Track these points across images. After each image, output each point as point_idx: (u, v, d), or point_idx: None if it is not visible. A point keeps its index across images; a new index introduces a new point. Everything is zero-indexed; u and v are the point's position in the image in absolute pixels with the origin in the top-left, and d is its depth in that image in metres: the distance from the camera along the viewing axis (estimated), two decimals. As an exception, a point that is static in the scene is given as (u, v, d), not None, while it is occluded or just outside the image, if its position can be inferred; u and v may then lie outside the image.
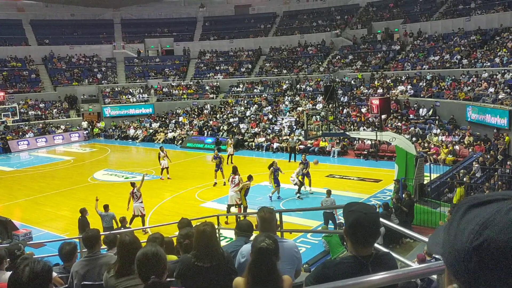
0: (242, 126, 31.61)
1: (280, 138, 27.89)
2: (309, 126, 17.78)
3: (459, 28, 33.25)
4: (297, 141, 25.74)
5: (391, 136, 15.81)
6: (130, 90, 40.08)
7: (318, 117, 18.05)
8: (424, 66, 31.43)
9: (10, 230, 12.89)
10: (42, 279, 2.49)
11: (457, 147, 21.64)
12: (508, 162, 16.81)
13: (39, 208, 17.43)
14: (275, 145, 27.28)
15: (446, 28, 34.55)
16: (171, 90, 40.06)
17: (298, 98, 34.06)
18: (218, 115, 35.10)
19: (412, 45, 35.50)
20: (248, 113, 34.06)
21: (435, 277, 3.18)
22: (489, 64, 27.47)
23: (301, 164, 17.52)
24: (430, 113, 26.44)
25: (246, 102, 35.99)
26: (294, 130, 28.72)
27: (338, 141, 25.31)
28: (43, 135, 34.01)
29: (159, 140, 32.64)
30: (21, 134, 33.34)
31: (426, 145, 22.80)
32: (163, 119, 36.49)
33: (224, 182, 18.71)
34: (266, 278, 2.90)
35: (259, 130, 30.22)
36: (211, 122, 33.68)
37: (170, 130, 33.82)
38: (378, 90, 30.20)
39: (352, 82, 33.89)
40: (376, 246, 2.92)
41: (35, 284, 2.45)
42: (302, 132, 23.88)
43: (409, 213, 12.48)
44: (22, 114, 35.41)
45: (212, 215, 11.23)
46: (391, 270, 2.21)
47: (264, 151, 27.57)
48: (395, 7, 41.44)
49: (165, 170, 21.04)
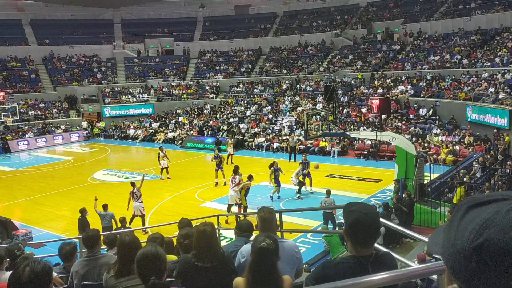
0: (242, 126, 31.61)
1: (280, 138, 27.88)
2: (309, 126, 17.77)
3: (459, 28, 33.25)
4: (297, 141, 25.73)
5: (391, 136, 15.81)
6: (130, 90, 40.08)
7: (318, 117, 18.04)
8: (424, 66, 31.42)
9: (10, 230, 12.89)
10: (42, 279, 2.49)
11: (457, 147, 21.63)
12: (508, 162, 16.80)
13: (39, 208, 17.43)
14: (275, 145, 27.28)
15: (446, 28, 34.54)
16: (171, 90, 40.06)
17: (298, 98, 34.06)
18: (218, 115, 35.09)
19: (412, 45, 35.49)
20: (248, 113, 34.06)
21: (435, 277, 3.18)
22: (489, 64, 27.47)
23: (301, 164, 17.51)
24: (430, 113, 26.44)
25: (246, 102, 35.99)
26: (294, 130, 28.71)
27: (338, 141, 25.31)
28: (43, 135, 34.02)
29: (159, 140, 32.63)
30: (21, 134, 33.35)
31: (426, 145, 22.80)
32: (163, 119, 36.49)
33: (224, 182, 18.71)
34: (267, 278, 2.89)
35: (259, 130, 30.22)
36: (211, 122, 33.68)
37: (170, 130, 33.82)
38: (378, 90, 30.20)
39: (352, 82, 33.89)
40: (376, 246, 2.92)
41: (36, 284, 2.44)
42: (302, 132, 23.88)
43: (409, 213, 12.48)
44: (22, 114, 35.41)
45: (212, 215, 11.23)
46: (391, 270, 2.21)
47: (264, 151, 27.57)
48: (395, 7, 41.44)
49: (164, 170, 21.06)
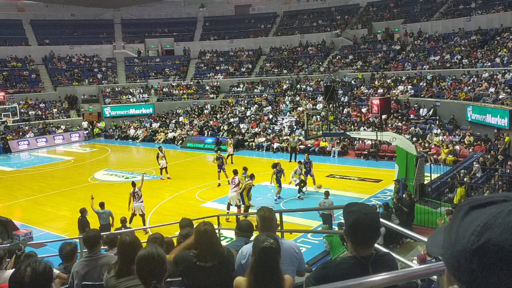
0: (242, 126, 31.61)
1: (280, 138, 27.88)
2: (309, 126, 17.79)
3: (460, 28, 33.24)
4: (297, 141, 25.73)
5: (392, 136, 15.81)
6: (130, 90, 40.09)
7: (318, 117, 18.06)
8: (424, 66, 31.41)
9: (11, 230, 12.91)
10: (43, 279, 2.49)
11: (457, 147, 21.62)
12: (508, 162, 16.80)
13: (40, 208, 17.44)
14: (276, 145, 27.27)
15: (447, 28, 34.53)
16: (171, 90, 40.06)
17: (298, 98, 34.06)
18: (218, 115, 35.09)
19: (412, 45, 35.48)
20: (248, 113, 34.06)
21: (436, 277, 3.18)
22: (489, 64, 27.46)
23: (299, 163, 17.60)
24: (431, 113, 26.43)
25: (246, 102, 35.98)
26: (294, 130, 28.71)
27: (338, 141, 25.30)
28: (43, 135, 34.03)
29: (159, 140, 32.63)
30: (21, 134, 33.35)
31: (427, 145, 22.79)
32: (163, 119, 36.49)
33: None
34: (269, 277, 2.85)
35: (260, 130, 30.22)
36: (211, 122, 33.68)
37: (170, 130, 33.82)
38: (379, 90, 30.19)
39: (352, 82, 33.88)
40: (376, 246, 2.92)
41: (37, 284, 2.45)
42: (303, 132, 23.88)
43: (409, 213, 12.49)
44: (22, 114, 35.42)
45: (212, 215, 11.24)
46: (392, 271, 2.21)
47: (264, 151, 27.56)
48: (396, 7, 41.43)
49: (164, 170, 21.07)
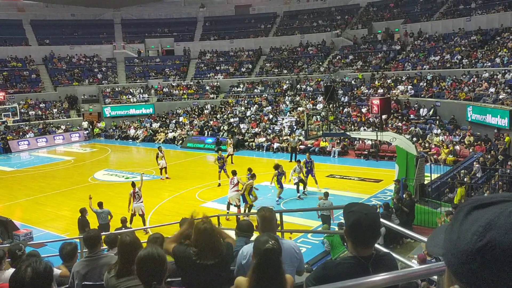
0: (242, 126, 31.61)
1: (280, 138, 27.88)
2: (309, 126, 17.80)
3: (460, 28, 33.23)
4: (298, 141, 25.73)
5: (392, 136, 15.81)
6: (131, 90, 40.09)
7: (318, 117, 18.08)
8: (424, 66, 31.41)
9: (11, 230, 12.91)
10: (44, 279, 2.49)
11: (457, 147, 21.62)
12: (508, 162, 16.79)
13: (40, 208, 17.44)
14: (276, 145, 27.27)
15: (447, 28, 34.53)
16: (172, 90, 40.06)
17: (298, 98, 34.05)
18: (218, 115, 35.09)
19: (412, 45, 35.48)
20: (248, 113, 34.06)
21: (436, 277, 3.18)
22: (489, 64, 27.45)
23: (298, 162, 17.74)
24: (431, 113, 26.43)
25: (246, 102, 35.98)
26: (294, 130, 28.71)
27: (338, 141, 25.30)
28: (44, 135, 34.02)
29: (160, 140, 32.64)
30: (21, 134, 33.35)
31: (427, 145, 22.79)
32: (164, 119, 36.50)
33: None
34: (272, 279, 2.83)
35: (260, 130, 30.22)
36: (212, 122, 33.67)
37: (171, 130, 33.82)
38: (379, 90, 30.19)
39: (352, 82, 33.87)
40: (376, 246, 2.92)
41: (38, 284, 2.45)
42: (303, 132, 23.88)
43: (410, 213, 12.49)
44: (23, 114, 35.43)
45: (212, 215, 11.23)
46: (392, 271, 2.21)
47: (264, 151, 27.57)
48: (396, 7, 41.42)
49: (163, 170, 21.09)
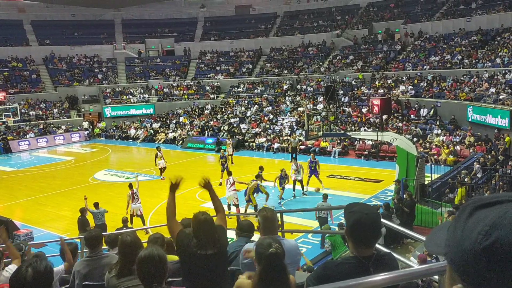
0: (242, 126, 31.61)
1: (281, 139, 27.88)
2: (310, 126, 17.81)
3: (460, 28, 33.23)
4: (298, 141, 25.74)
5: (392, 136, 15.80)
6: (131, 90, 40.10)
7: (318, 117, 18.10)
8: (425, 67, 31.40)
9: (11, 230, 12.90)
10: (45, 279, 2.49)
11: (458, 148, 21.61)
12: (509, 163, 16.79)
13: (40, 208, 17.45)
14: (276, 145, 27.27)
15: (447, 28, 34.52)
16: (172, 91, 40.07)
17: (298, 99, 34.05)
18: (218, 116, 35.10)
19: (413, 45, 35.47)
20: (248, 113, 34.06)
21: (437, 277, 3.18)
22: (490, 64, 27.44)
23: (294, 160, 18.14)
24: (431, 113, 26.42)
25: (246, 102, 35.98)
26: (295, 130, 28.71)
27: (339, 141, 25.29)
28: (44, 135, 34.03)
29: (160, 140, 32.64)
30: (22, 134, 33.36)
31: (427, 145, 22.78)
32: (164, 120, 36.51)
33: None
34: (278, 282, 2.83)
35: (260, 130, 30.22)
36: (212, 123, 33.68)
37: (171, 131, 33.83)
38: (379, 90, 30.18)
39: (353, 82, 33.87)
40: (377, 246, 2.92)
41: (39, 283, 2.45)
42: (303, 132, 23.87)
43: (410, 213, 12.48)
44: (23, 114, 35.44)
45: (213, 216, 11.23)
46: (392, 271, 2.22)
47: (264, 152, 27.56)
48: (396, 8, 41.43)
49: (162, 170, 21.10)
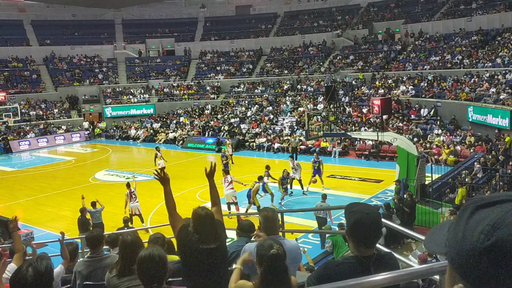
0: (243, 126, 31.60)
1: (281, 139, 27.88)
2: (310, 126, 17.80)
3: (460, 28, 33.22)
4: (298, 141, 25.72)
5: (393, 136, 15.80)
6: (131, 90, 40.12)
7: (319, 117, 18.10)
8: (425, 67, 31.39)
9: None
10: (46, 278, 2.50)
11: (458, 148, 21.59)
12: (509, 163, 16.79)
13: (41, 208, 17.46)
14: (276, 145, 27.26)
15: (447, 28, 34.52)
16: (172, 91, 40.07)
17: (299, 99, 34.05)
18: (219, 116, 35.10)
19: (413, 45, 35.46)
20: (249, 113, 34.06)
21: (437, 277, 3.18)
22: (490, 64, 27.43)
23: (291, 158, 18.37)
24: (432, 113, 26.41)
25: (247, 102, 35.99)
26: (295, 130, 28.71)
27: (339, 141, 25.28)
28: (44, 136, 34.04)
29: (160, 140, 32.65)
30: (22, 134, 33.38)
31: (428, 145, 22.77)
32: (164, 120, 36.52)
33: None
34: (279, 283, 2.84)
35: (260, 130, 30.22)
36: (212, 123, 33.68)
37: (171, 131, 33.83)
38: (379, 91, 30.18)
39: (353, 82, 33.86)
40: (377, 246, 2.92)
41: (40, 283, 2.45)
42: (303, 132, 23.87)
43: (410, 213, 12.48)
44: (23, 114, 35.46)
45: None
46: (393, 271, 2.22)
47: (265, 152, 27.56)
48: (396, 8, 41.42)
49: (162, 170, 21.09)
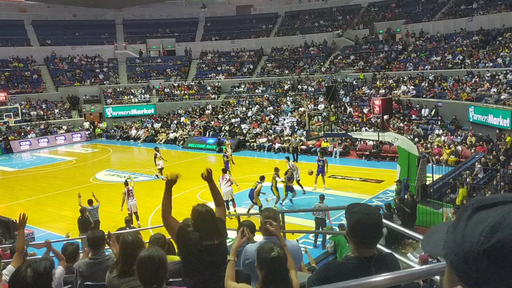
0: (243, 126, 31.60)
1: (282, 139, 27.86)
2: (311, 126, 17.80)
3: (461, 28, 33.20)
4: (299, 141, 25.71)
5: (393, 136, 15.79)
6: (132, 90, 40.13)
7: (320, 117, 18.09)
8: (426, 67, 31.37)
9: (13, 230, 12.91)
10: (45, 279, 2.49)
11: (459, 148, 21.57)
12: (510, 163, 16.77)
13: (41, 208, 17.47)
14: (277, 145, 27.25)
15: (448, 28, 34.49)
16: (173, 91, 40.08)
17: (299, 99, 34.04)
18: (219, 116, 35.10)
19: (414, 45, 35.44)
20: (249, 113, 34.05)
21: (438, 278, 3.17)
22: (491, 64, 27.41)
23: (287, 159, 18.30)
24: (432, 113, 26.38)
25: (247, 102, 35.98)
26: (296, 130, 28.69)
27: (340, 141, 25.27)
28: (45, 136, 34.06)
29: (161, 140, 32.66)
30: (23, 134, 33.40)
31: (429, 145, 22.74)
32: (165, 120, 36.52)
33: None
34: (281, 285, 2.83)
35: (261, 130, 30.20)
36: (213, 123, 33.67)
37: (172, 131, 33.83)
38: (380, 91, 30.16)
39: (354, 82, 33.85)
40: (378, 247, 2.92)
41: (39, 284, 2.45)
42: (304, 132, 23.86)
43: (411, 214, 12.47)
44: (24, 114, 35.47)
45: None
46: (394, 271, 2.21)
47: (265, 152, 27.55)
48: (397, 7, 41.40)
49: (162, 170, 21.11)
